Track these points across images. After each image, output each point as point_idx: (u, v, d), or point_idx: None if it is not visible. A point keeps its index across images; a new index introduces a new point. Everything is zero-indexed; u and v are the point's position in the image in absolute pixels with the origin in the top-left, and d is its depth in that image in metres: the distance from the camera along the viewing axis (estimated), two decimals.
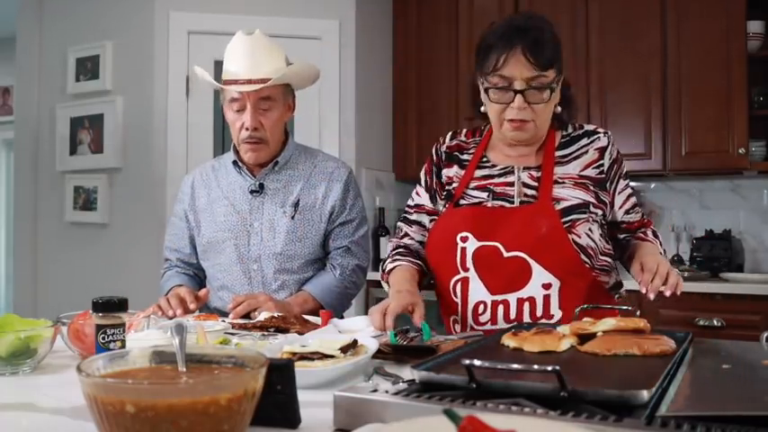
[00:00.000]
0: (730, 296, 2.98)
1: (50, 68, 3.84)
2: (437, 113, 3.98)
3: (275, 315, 1.67)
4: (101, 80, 3.63)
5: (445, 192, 1.68)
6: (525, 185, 1.59)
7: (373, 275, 3.63)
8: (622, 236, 1.68)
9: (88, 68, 3.67)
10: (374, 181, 3.92)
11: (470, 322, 1.57)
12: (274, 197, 2.03)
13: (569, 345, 1.12)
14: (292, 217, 2.00)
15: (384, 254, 3.87)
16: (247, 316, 1.83)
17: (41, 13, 3.90)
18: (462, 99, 3.90)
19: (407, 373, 0.98)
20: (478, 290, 1.55)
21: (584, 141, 1.63)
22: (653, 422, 0.74)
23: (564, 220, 1.52)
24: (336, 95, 3.67)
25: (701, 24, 3.34)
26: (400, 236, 1.77)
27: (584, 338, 1.16)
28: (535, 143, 1.62)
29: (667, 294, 1.40)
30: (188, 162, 3.46)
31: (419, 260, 1.71)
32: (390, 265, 1.70)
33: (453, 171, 1.68)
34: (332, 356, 1.12)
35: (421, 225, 1.74)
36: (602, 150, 1.61)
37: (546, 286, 1.52)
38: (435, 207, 1.72)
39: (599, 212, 1.58)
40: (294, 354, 1.12)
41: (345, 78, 3.69)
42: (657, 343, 1.08)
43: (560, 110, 1.60)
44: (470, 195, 1.63)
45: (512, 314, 1.53)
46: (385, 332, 1.41)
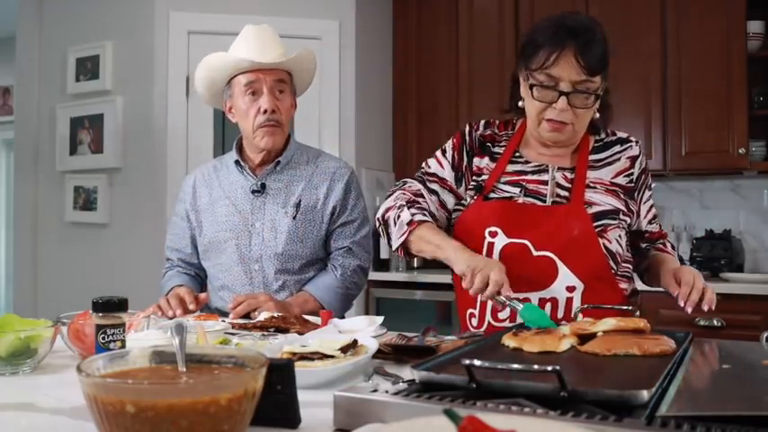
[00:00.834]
0: (730, 296, 2.97)
1: (50, 68, 3.84)
2: (437, 113, 3.99)
3: (275, 315, 1.67)
4: (101, 80, 3.63)
5: (474, 182, 1.64)
6: (559, 186, 1.58)
7: (375, 275, 3.64)
8: (644, 245, 1.69)
9: (88, 68, 3.67)
10: (374, 181, 3.92)
11: (488, 318, 1.56)
12: (276, 197, 2.02)
13: (569, 345, 1.12)
14: (294, 217, 2.00)
15: (384, 254, 3.88)
16: (247, 316, 1.83)
17: (41, 13, 3.90)
18: (462, 96, 3.91)
19: (407, 373, 0.98)
20: None
21: (616, 148, 1.62)
22: (653, 422, 0.74)
23: (595, 225, 1.51)
24: (336, 95, 3.67)
25: (701, 24, 3.34)
26: (413, 191, 1.67)
27: (584, 338, 1.16)
28: (570, 145, 1.61)
29: (705, 309, 1.41)
30: (188, 162, 3.46)
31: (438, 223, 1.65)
32: (420, 217, 1.59)
33: (484, 162, 1.65)
34: (332, 356, 1.12)
35: (438, 197, 1.66)
36: (633, 159, 1.61)
37: (570, 289, 1.50)
38: (458, 189, 1.66)
39: (627, 220, 1.58)
40: (294, 354, 1.12)
41: (345, 78, 3.69)
42: (657, 343, 1.08)
43: (598, 116, 1.58)
44: (501, 189, 1.60)
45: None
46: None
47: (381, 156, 4.03)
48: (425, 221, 1.60)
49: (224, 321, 1.63)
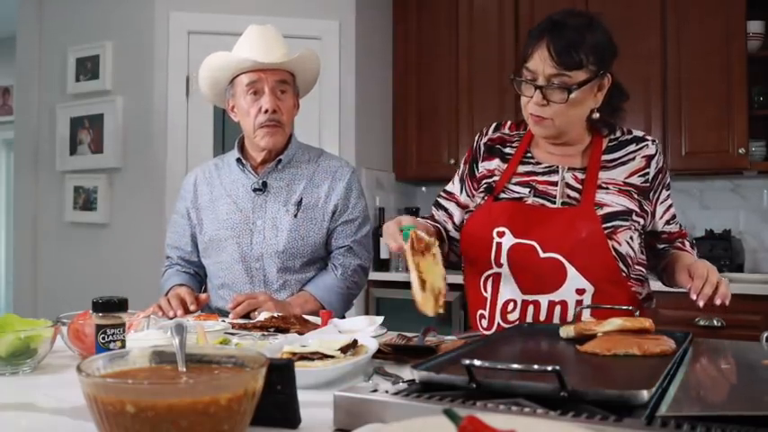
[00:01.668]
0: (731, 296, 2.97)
1: (50, 68, 3.84)
2: (437, 113, 3.99)
3: (275, 315, 1.67)
4: (101, 80, 3.62)
5: (485, 184, 1.64)
6: (569, 186, 1.56)
7: (375, 276, 3.64)
8: (661, 246, 1.65)
9: (88, 68, 3.67)
10: (374, 181, 3.92)
11: (498, 320, 1.55)
12: (277, 195, 2.03)
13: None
14: (295, 215, 2.00)
15: (384, 254, 3.88)
16: (247, 316, 1.83)
17: (41, 13, 3.90)
18: (462, 99, 3.91)
19: (407, 373, 0.98)
20: (510, 287, 1.52)
21: (631, 147, 1.59)
22: (653, 422, 0.74)
23: (605, 226, 1.48)
24: (336, 95, 3.67)
25: (701, 24, 3.34)
26: (428, 218, 1.78)
27: (585, 338, 1.16)
28: (573, 144, 1.59)
29: (717, 303, 1.38)
30: (188, 162, 3.46)
31: (438, 225, 1.71)
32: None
33: (495, 164, 1.65)
34: (332, 356, 1.12)
35: (446, 211, 1.73)
36: (649, 158, 1.57)
37: (580, 291, 1.48)
38: (464, 199, 1.70)
39: (641, 221, 1.55)
40: (294, 354, 1.12)
41: (345, 78, 3.69)
42: (657, 343, 1.08)
43: (597, 116, 1.54)
44: (511, 190, 1.59)
45: (542, 316, 1.50)
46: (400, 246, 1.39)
47: (381, 156, 4.03)
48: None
49: (224, 321, 1.63)
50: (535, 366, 0.82)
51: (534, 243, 1.50)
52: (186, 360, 0.81)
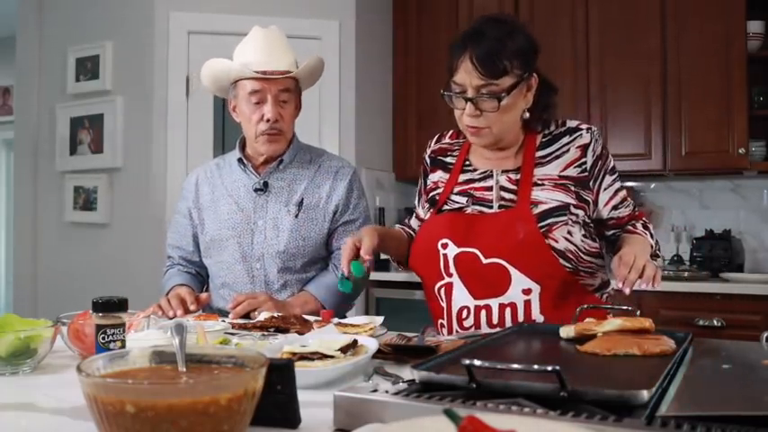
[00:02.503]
0: (730, 296, 2.98)
1: (50, 68, 3.84)
2: (437, 113, 3.98)
3: (275, 315, 1.67)
4: (101, 80, 3.62)
5: (430, 198, 1.68)
6: (504, 189, 1.57)
7: (375, 276, 3.64)
8: (610, 232, 1.63)
9: (88, 68, 3.67)
10: (374, 181, 3.92)
11: (455, 327, 1.57)
12: (279, 195, 2.03)
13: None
14: (296, 215, 2.00)
15: (384, 254, 3.88)
16: (247, 316, 1.83)
17: (41, 13, 3.90)
18: None
19: (407, 373, 0.98)
20: (462, 295, 1.55)
21: (565, 140, 1.58)
22: (653, 422, 0.74)
23: (541, 225, 1.48)
24: (336, 95, 3.67)
25: (701, 24, 3.35)
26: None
27: (586, 338, 1.16)
28: (509, 146, 1.59)
29: (642, 287, 1.35)
30: (188, 162, 3.46)
31: (412, 232, 1.76)
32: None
33: (438, 175, 1.68)
34: (332, 356, 1.12)
35: (412, 228, 1.79)
36: (584, 148, 1.56)
37: (526, 291, 1.49)
38: (422, 213, 1.73)
39: (580, 213, 1.53)
40: (294, 354, 1.12)
41: (345, 78, 3.69)
42: (657, 343, 1.08)
43: (528, 116, 1.55)
44: (453, 201, 1.62)
45: (494, 319, 1.51)
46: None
47: (381, 156, 4.03)
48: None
49: (224, 321, 1.63)
50: (535, 366, 0.82)
51: (475, 250, 1.52)
52: (186, 360, 0.81)
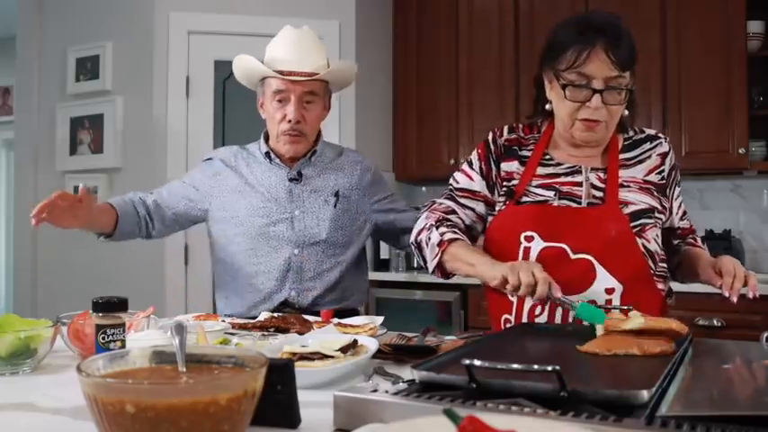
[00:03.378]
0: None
1: (50, 68, 3.84)
2: (437, 113, 3.99)
3: (275, 315, 1.67)
4: (101, 80, 3.62)
5: (504, 188, 1.61)
6: (593, 186, 1.55)
7: (375, 276, 3.64)
8: (676, 242, 1.67)
9: (88, 68, 3.67)
10: None
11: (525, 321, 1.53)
12: (314, 186, 2.04)
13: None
14: (334, 205, 2.03)
15: (384, 254, 3.88)
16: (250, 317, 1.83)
17: (41, 13, 3.90)
18: (462, 99, 3.91)
19: (407, 373, 0.98)
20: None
21: (646, 146, 1.61)
22: (653, 422, 0.74)
23: (633, 224, 1.49)
24: (336, 95, 3.65)
25: (701, 24, 3.34)
26: (443, 210, 1.65)
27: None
28: (601, 145, 1.59)
29: (750, 296, 1.39)
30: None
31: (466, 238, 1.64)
32: (450, 235, 1.57)
33: (514, 166, 1.62)
34: (332, 356, 1.12)
35: (474, 211, 1.65)
36: (663, 156, 1.60)
37: (609, 291, 1.48)
38: (494, 197, 1.64)
39: (662, 218, 1.57)
40: (294, 354, 1.12)
41: None
42: (657, 343, 1.08)
43: (627, 113, 1.56)
44: (534, 193, 1.57)
45: (570, 317, 1.48)
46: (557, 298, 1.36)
47: (381, 156, 4.03)
48: (456, 239, 1.57)
49: (224, 321, 1.63)
50: (535, 366, 0.82)
51: (564, 245, 1.49)
52: (186, 360, 0.81)
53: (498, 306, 1.59)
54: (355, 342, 1.21)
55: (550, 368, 0.79)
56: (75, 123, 3.72)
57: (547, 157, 1.61)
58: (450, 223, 1.64)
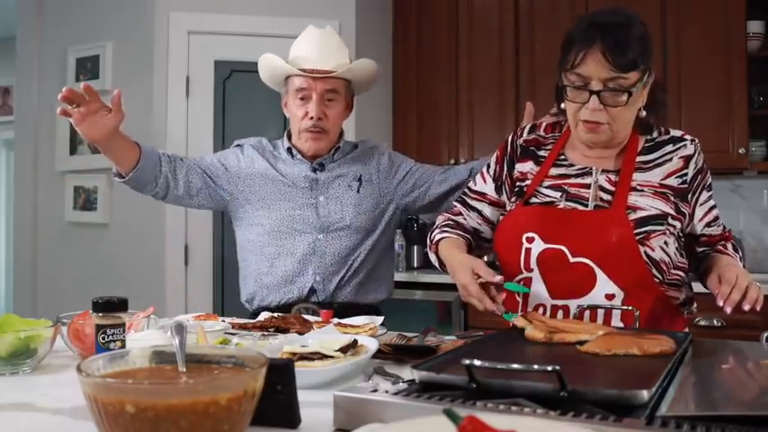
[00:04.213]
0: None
1: (50, 68, 3.84)
2: (437, 112, 3.98)
3: (275, 315, 1.67)
4: (101, 80, 3.62)
5: (516, 188, 1.61)
6: (602, 189, 1.51)
7: None
8: (701, 249, 1.59)
9: (88, 68, 3.67)
10: None
11: None
12: (337, 173, 2.07)
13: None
14: (357, 190, 2.06)
15: None
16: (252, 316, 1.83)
17: (41, 13, 3.90)
18: (462, 98, 3.91)
19: (407, 373, 0.98)
20: (540, 292, 1.50)
21: (668, 148, 1.54)
22: (653, 422, 0.74)
23: (638, 231, 1.44)
24: None
25: (701, 24, 3.34)
26: (454, 212, 1.72)
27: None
28: (615, 146, 1.54)
29: (746, 309, 1.35)
30: None
31: (468, 236, 1.68)
32: (439, 236, 1.66)
33: (528, 167, 1.60)
34: (332, 356, 1.12)
35: (480, 213, 1.68)
36: (687, 159, 1.52)
37: (609, 297, 1.45)
38: (500, 198, 1.65)
39: (677, 225, 1.50)
40: (294, 354, 1.12)
41: None
42: (657, 343, 1.08)
43: (645, 114, 1.50)
44: (543, 194, 1.55)
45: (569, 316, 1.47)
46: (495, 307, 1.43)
47: None
48: (445, 238, 1.63)
49: (224, 321, 1.63)
50: (535, 366, 0.82)
51: (563, 248, 1.47)
52: (186, 360, 0.81)
53: (508, 306, 1.58)
54: (355, 342, 1.21)
55: (550, 368, 0.79)
56: None
57: (562, 158, 1.58)
58: (455, 224, 1.68)
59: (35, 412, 0.99)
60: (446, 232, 1.67)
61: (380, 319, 1.59)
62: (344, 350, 1.15)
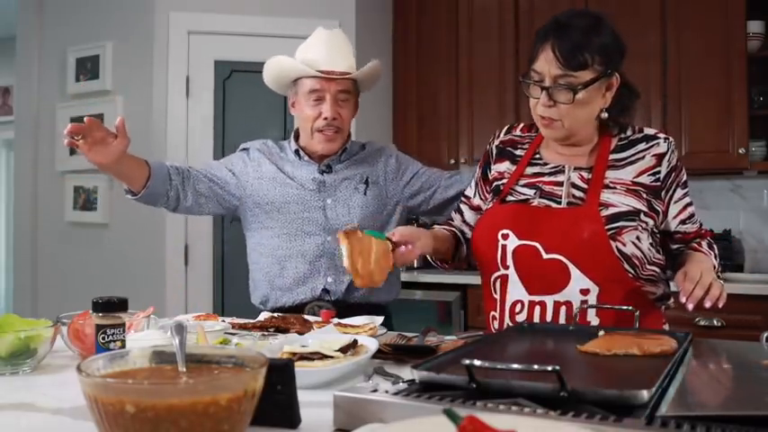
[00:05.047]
0: (730, 296, 2.94)
1: (50, 68, 3.84)
2: (437, 113, 3.99)
3: (275, 315, 1.67)
4: (101, 80, 3.63)
5: (493, 187, 1.66)
6: (574, 186, 1.55)
7: None
8: (676, 246, 1.61)
9: (88, 68, 3.67)
10: None
11: (507, 321, 1.55)
12: (344, 175, 2.07)
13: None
14: (364, 192, 2.06)
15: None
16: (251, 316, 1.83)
17: (41, 13, 3.90)
18: (462, 99, 3.91)
19: (407, 373, 0.98)
20: (517, 289, 1.53)
21: (641, 146, 1.56)
22: (653, 422, 0.74)
23: (610, 227, 1.46)
24: None
25: (701, 24, 3.34)
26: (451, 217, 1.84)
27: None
28: (583, 144, 1.58)
29: (707, 306, 1.36)
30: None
31: (455, 231, 1.76)
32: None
33: (505, 166, 1.65)
34: (332, 356, 1.12)
35: (462, 216, 1.77)
36: (660, 157, 1.54)
37: (584, 292, 1.47)
38: (477, 201, 1.73)
39: (650, 222, 1.52)
40: (294, 354, 1.12)
41: None
42: (657, 343, 1.08)
43: (606, 116, 1.53)
44: (518, 192, 1.59)
45: (548, 316, 1.49)
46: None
47: None
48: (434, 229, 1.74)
49: (224, 321, 1.63)
50: (535, 366, 0.82)
51: (537, 244, 1.50)
52: (186, 360, 0.81)
53: (487, 304, 1.64)
54: (355, 342, 1.21)
55: (550, 368, 0.79)
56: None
57: (537, 157, 1.63)
58: (447, 222, 1.81)
59: (35, 412, 0.99)
60: (438, 225, 1.79)
61: (380, 319, 1.59)
62: (344, 350, 1.15)
